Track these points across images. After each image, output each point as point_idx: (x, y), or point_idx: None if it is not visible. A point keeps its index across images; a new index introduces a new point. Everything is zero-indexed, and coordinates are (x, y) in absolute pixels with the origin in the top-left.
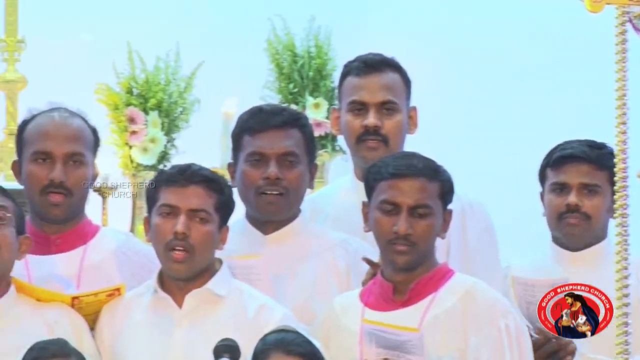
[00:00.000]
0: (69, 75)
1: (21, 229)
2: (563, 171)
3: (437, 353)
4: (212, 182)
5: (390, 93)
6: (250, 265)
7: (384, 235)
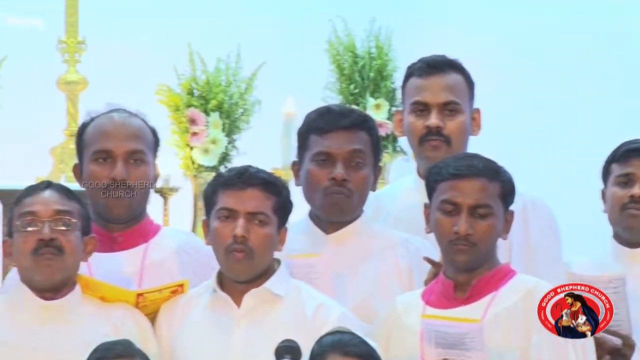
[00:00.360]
0: (129, 76)
1: (87, 229)
2: (630, 164)
3: (499, 351)
4: (270, 184)
5: (453, 94)
6: (311, 264)
7: (445, 236)
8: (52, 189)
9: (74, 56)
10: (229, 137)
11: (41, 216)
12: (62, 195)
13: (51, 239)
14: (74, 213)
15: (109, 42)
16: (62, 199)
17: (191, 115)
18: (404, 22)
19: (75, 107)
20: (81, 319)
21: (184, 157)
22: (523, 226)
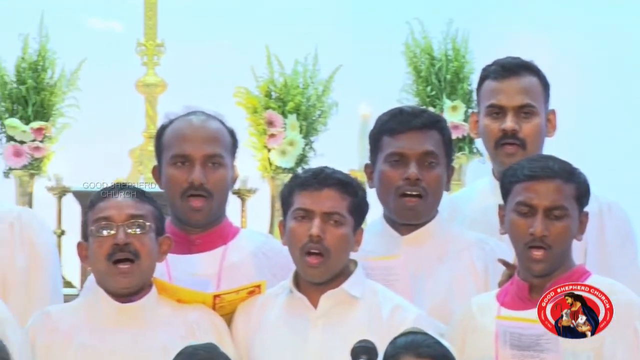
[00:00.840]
0: (207, 78)
1: (161, 230)
2: None
3: (573, 351)
4: (345, 184)
5: (528, 96)
6: (390, 266)
7: (520, 238)
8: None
9: (152, 59)
10: (306, 139)
11: (115, 221)
12: (135, 198)
13: (126, 243)
14: (147, 216)
15: (187, 44)
16: (135, 203)
17: (269, 117)
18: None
19: (154, 109)
20: (157, 321)
21: (261, 159)
22: (598, 228)
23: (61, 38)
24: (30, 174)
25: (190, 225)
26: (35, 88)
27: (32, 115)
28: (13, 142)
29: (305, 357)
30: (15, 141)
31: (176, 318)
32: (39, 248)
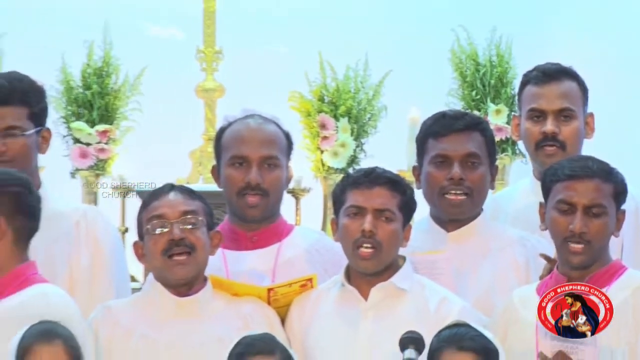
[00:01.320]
0: (264, 83)
1: (211, 225)
2: None
3: (610, 345)
4: (395, 183)
5: (568, 101)
6: (434, 260)
7: (560, 234)
8: (176, 190)
9: (211, 65)
10: (357, 141)
11: (169, 218)
12: (185, 195)
13: (181, 238)
14: (198, 212)
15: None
16: (186, 200)
17: (322, 121)
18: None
19: (213, 112)
20: (213, 314)
21: (314, 160)
22: (635, 226)
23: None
24: (96, 174)
25: (247, 221)
26: (100, 93)
27: (97, 119)
28: (79, 144)
29: (357, 346)
30: (81, 143)
31: (231, 311)
32: (103, 245)
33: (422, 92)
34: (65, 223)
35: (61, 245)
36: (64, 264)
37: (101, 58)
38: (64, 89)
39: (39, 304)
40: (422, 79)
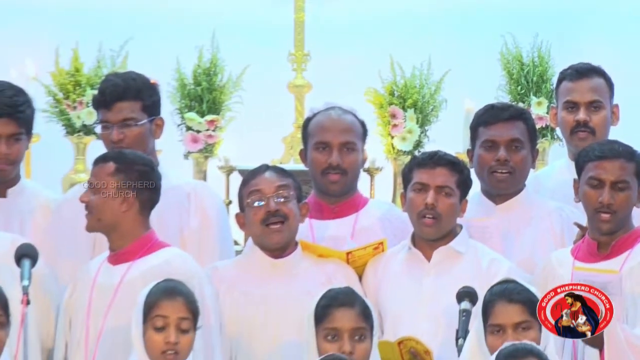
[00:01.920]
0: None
1: (300, 198)
2: None
3: (633, 296)
4: (454, 164)
5: (597, 94)
6: (485, 226)
7: (591, 205)
8: (271, 170)
9: (301, 65)
10: (421, 128)
11: (266, 193)
12: (279, 174)
13: (276, 210)
14: (290, 186)
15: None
16: (279, 177)
17: (392, 112)
18: (560, 37)
19: (302, 105)
20: (302, 272)
21: (386, 144)
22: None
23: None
24: (205, 156)
25: (329, 195)
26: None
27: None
28: (191, 131)
29: (421, 300)
30: (192, 130)
31: (317, 270)
32: (210, 213)
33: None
34: (178, 195)
35: (174, 213)
36: (177, 230)
37: (209, 60)
38: (179, 85)
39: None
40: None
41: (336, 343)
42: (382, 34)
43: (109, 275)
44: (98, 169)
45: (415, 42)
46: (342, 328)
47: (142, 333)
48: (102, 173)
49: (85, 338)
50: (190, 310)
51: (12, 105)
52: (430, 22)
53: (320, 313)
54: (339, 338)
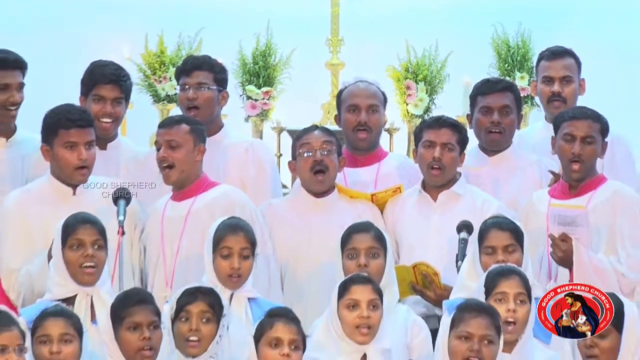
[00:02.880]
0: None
1: (339, 152)
2: None
3: (597, 227)
4: (455, 125)
5: (568, 71)
6: (480, 174)
7: (565, 156)
8: (319, 129)
9: (336, 48)
10: (430, 97)
11: (314, 146)
12: (325, 132)
13: (321, 160)
14: (333, 143)
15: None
16: (325, 135)
17: (407, 84)
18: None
19: (337, 79)
20: (337, 209)
21: (402, 110)
22: (610, 152)
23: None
24: (261, 120)
25: (358, 149)
26: (264, 67)
27: (262, 83)
28: (250, 100)
29: (429, 232)
30: (251, 99)
31: (349, 207)
32: (264, 164)
33: (472, 65)
34: (239, 150)
35: (236, 164)
36: (237, 177)
37: (264, 44)
38: (241, 64)
39: (233, 194)
40: (472, 57)
41: (355, 260)
42: (399, 23)
43: (177, 209)
44: (175, 131)
45: (425, 30)
46: (359, 247)
47: (212, 260)
48: (179, 133)
49: (163, 261)
50: (249, 242)
51: (117, 75)
52: (437, 15)
53: (344, 238)
54: (357, 256)
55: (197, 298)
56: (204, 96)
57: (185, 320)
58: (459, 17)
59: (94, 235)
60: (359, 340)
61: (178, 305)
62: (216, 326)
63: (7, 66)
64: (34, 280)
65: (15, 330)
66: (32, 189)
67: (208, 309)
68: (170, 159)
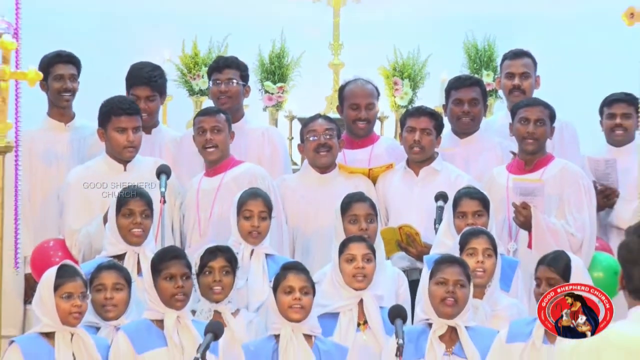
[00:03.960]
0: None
1: (339, 136)
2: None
3: (549, 197)
4: (433, 114)
5: (526, 68)
6: (453, 154)
7: (521, 135)
8: (322, 117)
9: (337, 51)
10: (413, 91)
11: (318, 131)
12: (327, 120)
13: (325, 142)
14: (333, 129)
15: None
16: (327, 122)
17: (394, 81)
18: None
19: (338, 76)
20: (337, 183)
21: (390, 101)
22: (559, 135)
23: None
24: (276, 109)
25: (359, 136)
26: (278, 66)
27: (277, 80)
28: (267, 93)
29: (412, 200)
30: (269, 93)
31: (348, 181)
32: (278, 146)
33: (448, 65)
34: (257, 134)
35: (254, 145)
36: (255, 156)
37: (279, 48)
38: (259, 64)
39: (256, 169)
40: (448, 58)
41: (356, 225)
42: (388, 31)
43: (209, 183)
44: (217, 118)
45: (409, 36)
46: (359, 214)
47: (236, 222)
48: (221, 120)
49: (198, 225)
50: (266, 206)
51: (148, 77)
52: (419, 24)
53: (344, 206)
54: (358, 221)
55: (217, 255)
56: (232, 89)
57: (209, 273)
58: (437, 26)
59: (142, 206)
60: (355, 286)
61: (202, 261)
62: (233, 277)
63: (60, 60)
64: (92, 240)
65: (79, 280)
66: (90, 166)
67: (227, 263)
68: (215, 140)
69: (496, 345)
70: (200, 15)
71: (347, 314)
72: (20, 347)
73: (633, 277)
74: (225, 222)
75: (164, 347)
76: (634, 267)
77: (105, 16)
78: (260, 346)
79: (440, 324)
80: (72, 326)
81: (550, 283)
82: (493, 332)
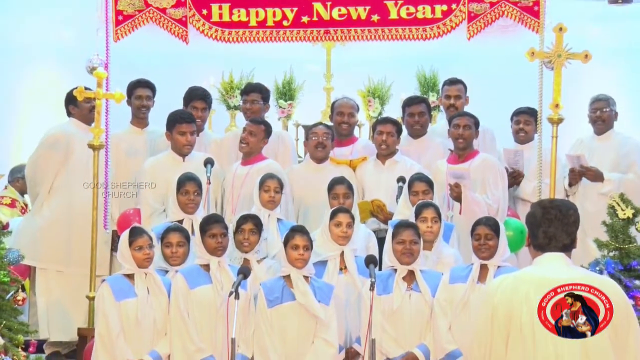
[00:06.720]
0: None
1: (333, 138)
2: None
3: (474, 180)
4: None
5: (459, 91)
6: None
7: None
8: (322, 124)
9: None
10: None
11: (318, 134)
12: (325, 127)
13: (322, 142)
14: (329, 133)
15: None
16: (325, 128)
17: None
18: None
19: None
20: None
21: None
22: (482, 137)
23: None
24: (287, 119)
25: (342, 135)
26: (288, 90)
27: (287, 99)
28: (281, 108)
29: (380, 182)
30: (282, 107)
31: (335, 169)
32: (288, 145)
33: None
34: (273, 137)
35: (273, 146)
36: (273, 152)
37: (289, 77)
38: (275, 88)
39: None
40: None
41: (337, 200)
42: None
43: (242, 170)
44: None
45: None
46: (339, 193)
47: (258, 195)
48: (259, 129)
49: (231, 200)
50: (279, 184)
51: (203, 94)
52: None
53: (330, 187)
54: (337, 197)
55: (247, 220)
56: (255, 107)
57: (241, 232)
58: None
59: (195, 187)
60: (340, 243)
61: (237, 224)
62: (259, 236)
63: (140, 85)
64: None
65: (146, 237)
66: (160, 158)
67: (254, 227)
68: (246, 140)
69: (442, 285)
70: (235, 55)
71: (333, 261)
72: (109, 284)
73: (537, 236)
74: (249, 199)
75: (209, 285)
76: (537, 229)
77: (169, 55)
78: (273, 283)
79: (402, 269)
80: (145, 268)
81: (487, 237)
82: (439, 275)
